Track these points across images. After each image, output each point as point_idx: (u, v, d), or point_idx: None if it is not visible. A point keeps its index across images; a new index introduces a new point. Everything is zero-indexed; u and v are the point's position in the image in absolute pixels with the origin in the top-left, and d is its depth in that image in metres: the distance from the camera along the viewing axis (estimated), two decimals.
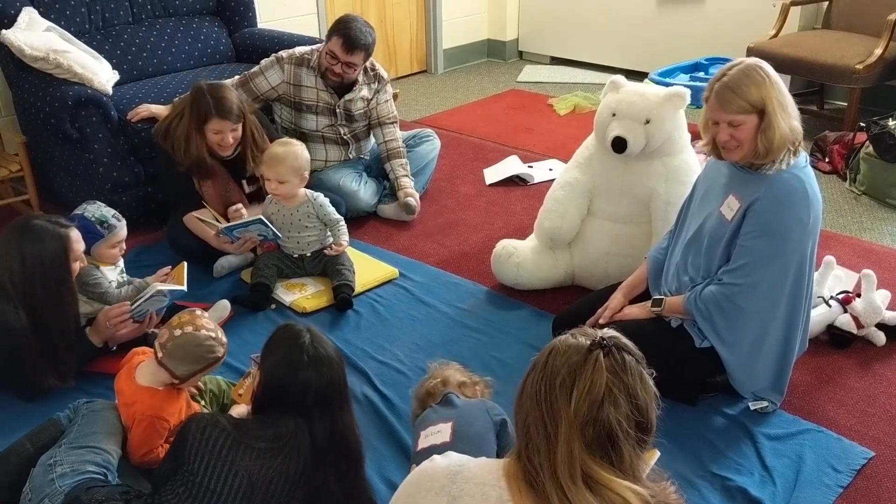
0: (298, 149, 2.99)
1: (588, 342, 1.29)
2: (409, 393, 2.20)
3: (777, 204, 2.16)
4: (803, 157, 2.21)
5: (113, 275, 2.68)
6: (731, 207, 2.24)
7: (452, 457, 1.41)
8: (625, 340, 1.32)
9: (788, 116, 2.13)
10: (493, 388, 2.22)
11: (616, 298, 2.53)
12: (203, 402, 2.23)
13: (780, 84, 2.15)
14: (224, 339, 2.05)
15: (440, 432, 1.90)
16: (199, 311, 2.05)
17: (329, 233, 3.09)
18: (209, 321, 2.03)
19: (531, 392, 1.30)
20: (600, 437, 1.25)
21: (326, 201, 3.08)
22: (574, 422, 1.24)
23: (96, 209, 2.63)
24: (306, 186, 3.07)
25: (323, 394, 1.72)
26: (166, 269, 2.73)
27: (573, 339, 1.31)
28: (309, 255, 3.08)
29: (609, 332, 1.33)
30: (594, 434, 1.25)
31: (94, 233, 2.57)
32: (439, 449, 1.69)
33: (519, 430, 1.33)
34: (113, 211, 2.67)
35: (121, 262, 2.75)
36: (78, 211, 2.62)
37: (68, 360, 2.41)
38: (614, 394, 1.25)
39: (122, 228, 2.66)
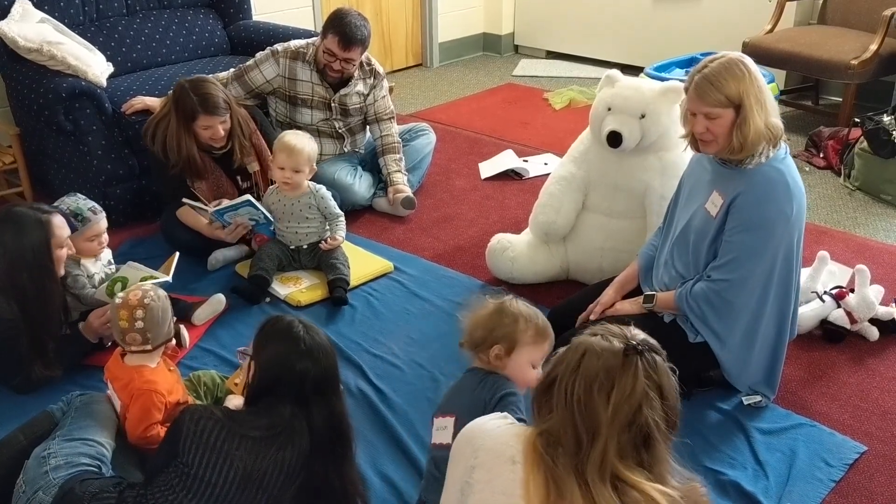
0: (308, 138, 3.05)
1: (622, 346, 1.33)
2: (461, 319, 1.95)
3: (759, 198, 2.17)
4: (784, 148, 2.21)
5: (96, 268, 2.64)
6: (714, 203, 2.24)
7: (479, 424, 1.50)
8: (652, 341, 1.36)
9: (766, 113, 2.13)
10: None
11: (608, 294, 2.53)
12: (194, 395, 2.23)
13: (760, 80, 2.14)
14: (145, 286, 2.10)
15: (446, 428, 1.90)
16: (118, 299, 2.05)
17: (328, 227, 3.10)
18: (131, 296, 2.04)
19: (563, 388, 1.34)
20: (636, 439, 1.30)
21: (329, 194, 3.09)
22: (613, 424, 1.29)
23: (73, 201, 2.58)
24: None
25: (319, 382, 1.73)
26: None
27: (606, 342, 1.35)
28: (305, 247, 3.08)
29: (639, 335, 1.37)
30: (630, 436, 1.30)
31: (69, 226, 2.51)
32: (445, 449, 1.70)
33: (540, 412, 1.38)
34: (91, 203, 2.61)
35: (106, 254, 2.71)
36: (56, 203, 2.56)
37: (56, 351, 2.40)
38: (650, 396, 1.30)
39: (97, 221, 2.59)
